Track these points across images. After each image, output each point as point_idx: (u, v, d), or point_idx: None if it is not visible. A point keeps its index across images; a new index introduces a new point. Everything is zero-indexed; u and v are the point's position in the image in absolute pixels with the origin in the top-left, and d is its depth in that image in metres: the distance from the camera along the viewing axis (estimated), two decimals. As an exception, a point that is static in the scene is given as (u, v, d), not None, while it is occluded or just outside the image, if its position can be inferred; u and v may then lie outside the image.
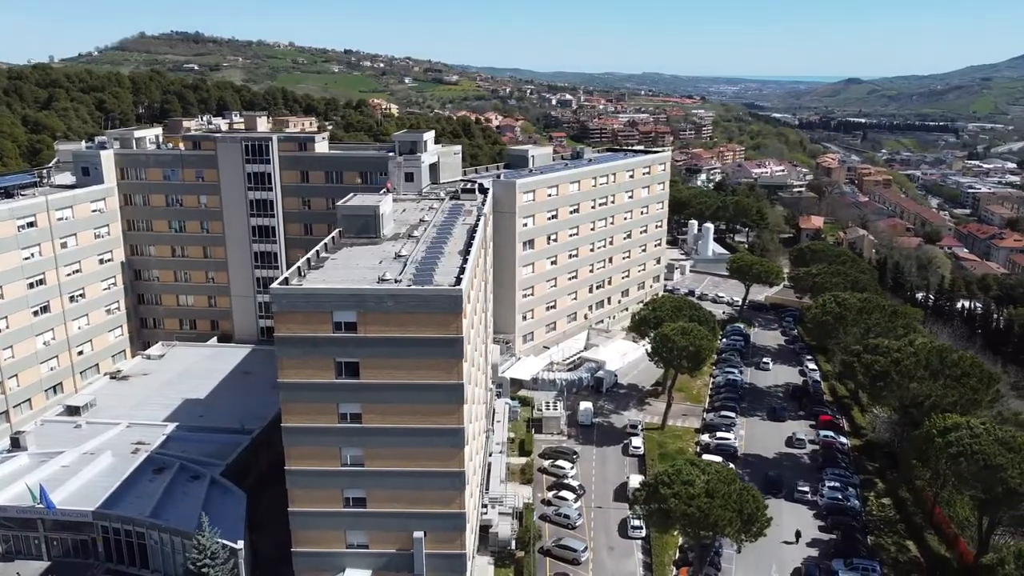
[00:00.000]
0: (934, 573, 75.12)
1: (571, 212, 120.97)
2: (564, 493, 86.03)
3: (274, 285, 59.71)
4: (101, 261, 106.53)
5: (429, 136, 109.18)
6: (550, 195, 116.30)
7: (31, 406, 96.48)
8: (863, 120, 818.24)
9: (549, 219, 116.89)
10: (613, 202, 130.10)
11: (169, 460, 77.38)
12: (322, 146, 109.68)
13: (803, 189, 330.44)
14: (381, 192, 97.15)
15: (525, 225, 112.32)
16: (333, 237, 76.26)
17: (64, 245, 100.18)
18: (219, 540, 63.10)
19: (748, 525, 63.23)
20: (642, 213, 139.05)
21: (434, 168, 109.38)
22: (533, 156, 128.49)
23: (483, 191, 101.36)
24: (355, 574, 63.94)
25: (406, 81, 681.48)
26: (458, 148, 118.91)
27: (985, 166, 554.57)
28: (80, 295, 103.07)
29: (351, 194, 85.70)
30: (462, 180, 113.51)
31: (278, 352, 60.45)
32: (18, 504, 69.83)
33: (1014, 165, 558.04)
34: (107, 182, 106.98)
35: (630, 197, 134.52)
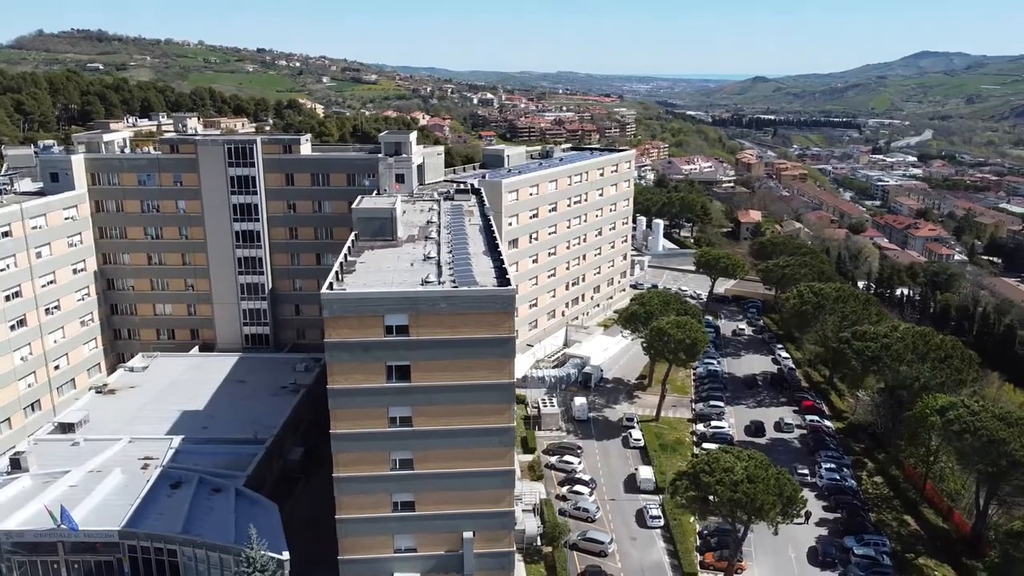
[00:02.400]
0: (936, 543, 79.96)
1: (550, 210, 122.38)
2: (578, 487, 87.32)
3: (324, 290, 58.94)
4: (75, 271, 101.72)
5: (412, 137, 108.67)
6: (531, 194, 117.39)
7: (10, 425, 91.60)
8: (772, 117, 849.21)
9: (531, 218, 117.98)
10: (586, 200, 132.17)
11: (186, 474, 74.67)
12: (306, 148, 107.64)
13: (733, 184, 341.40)
14: (374, 194, 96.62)
15: (510, 224, 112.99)
16: (352, 240, 75.44)
17: (39, 255, 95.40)
18: (266, 552, 61.69)
19: (788, 507, 65.96)
20: (611, 210, 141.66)
21: (420, 169, 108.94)
22: (508, 156, 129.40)
23: (475, 191, 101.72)
24: (403, 578, 63.81)
25: (324, 80, 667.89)
26: (440, 149, 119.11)
27: (889, 160, 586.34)
28: (55, 307, 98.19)
29: (360, 196, 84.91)
30: (446, 181, 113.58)
31: (328, 358, 59.75)
32: (36, 527, 66.39)
33: (914, 158, 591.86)
34: (78, 188, 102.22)
35: (601, 195, 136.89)
